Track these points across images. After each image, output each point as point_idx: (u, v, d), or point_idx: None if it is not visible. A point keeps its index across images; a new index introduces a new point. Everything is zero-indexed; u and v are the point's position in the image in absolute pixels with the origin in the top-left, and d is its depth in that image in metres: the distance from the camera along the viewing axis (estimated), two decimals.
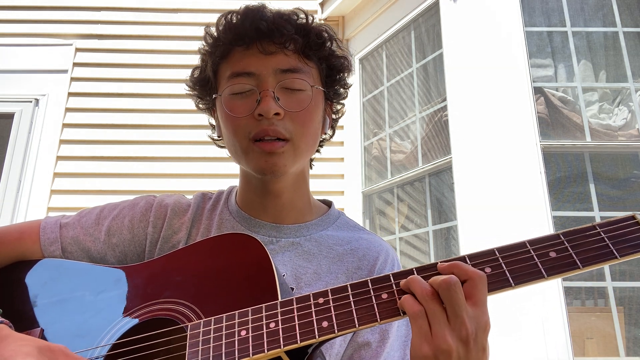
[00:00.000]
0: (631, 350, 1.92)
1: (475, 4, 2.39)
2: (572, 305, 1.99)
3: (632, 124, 2.23)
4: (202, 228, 0.85)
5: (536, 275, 0.56)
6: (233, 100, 0.77)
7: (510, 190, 2.07)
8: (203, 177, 2.91)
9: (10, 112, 2.99)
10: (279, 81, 0.76)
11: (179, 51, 3.14)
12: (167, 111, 3.04)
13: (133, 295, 0.73)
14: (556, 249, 0.57)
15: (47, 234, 0.83)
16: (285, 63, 0.77)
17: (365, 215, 2.82)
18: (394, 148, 2.80)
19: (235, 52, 0.78)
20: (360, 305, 0.57)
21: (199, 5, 3.25)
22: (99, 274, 0.78)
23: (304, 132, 0.78)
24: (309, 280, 0.79)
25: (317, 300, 0.59)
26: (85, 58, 3.14)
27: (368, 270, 0.81)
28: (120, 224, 0.85)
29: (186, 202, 0.90)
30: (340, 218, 0.90)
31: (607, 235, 0.56)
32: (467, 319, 0.53)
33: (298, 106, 0.76)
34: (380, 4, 2.92)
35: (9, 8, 3.21)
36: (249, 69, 0.76)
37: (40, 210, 2.81)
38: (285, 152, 0.76)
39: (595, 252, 0.56)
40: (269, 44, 0.76)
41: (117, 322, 0.71)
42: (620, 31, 2.33)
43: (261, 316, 0.60)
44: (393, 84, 2.88)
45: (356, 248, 0.83)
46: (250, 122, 0.75)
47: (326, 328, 0.57)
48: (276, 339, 0.57)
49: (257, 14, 0.77)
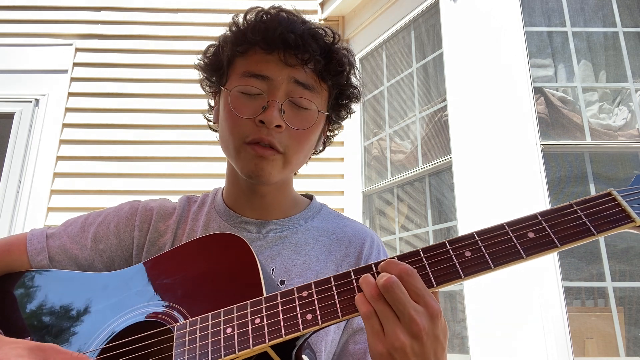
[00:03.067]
0: (631, 350, 1.92)
1: (475, 4, 2.39)
2: (572, 305, 1.99)
3: (632, 124, 2.23)
4: (187, 230, 0.86)
5: (515, 255, 0.56)
6: (240, 98, 0.77)
7: (510, 190, 2.07)
8: (203, 177, 2.91)
9: (10, 112, 2.99)
10: (289, 93, 0.77)
11: (179, 51, 3.14)
12: (167, 111, 3.04)
13: (121, 300, 0.74)
14: (534, 229, 0.57)
15: (33, 245, 0.84)
16: (302, 76, 0.78)
17: (365, 215, 2.82)
18: (394, 148, 2.80)
19: (255, 52, 0.78)
20: (343, 297, 0.58)
21: (199, 5, 3.25)
22: (86, 281, 0.79)
23: (299, 149, 0.79)
24: (299, 271, 0.80)
25: (301, 293, 0.60)
26: (85, 58, 3.14)
27: (355, 256, 0.83)
28: (106, 230, 0.86)
29: (171, 205, 0.91)
30: (324, 209, 0.92)
31: (584, 212, 0.57)
32: (415, 314, 0.53)
33: (300, 125, 0.78)
34: (380, 4, 2.92)
35: (9, 8, 3.21)
36: (265, 72, 0.77)
37: (40, 210, 2.81)
38: (275, 162, 0.77)
39: (573, 229, 0.56)
40: (290, 56, 0.77)
41: (105, 328, 0.71)
42: (620, 31, 2.33)
43: (246, 312, 0.61)
44: (393, 84, 2.88)
45: (342, 237, 0.86)
46: (249, 125, 0.76)
47: (310, 320, 0.57)
48: (261, 334, 0.58)
49: (289, 25, 0.77)
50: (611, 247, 2.00)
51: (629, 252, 2.04)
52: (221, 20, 3.16)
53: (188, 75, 3.09)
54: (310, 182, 2.83)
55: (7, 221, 2.76)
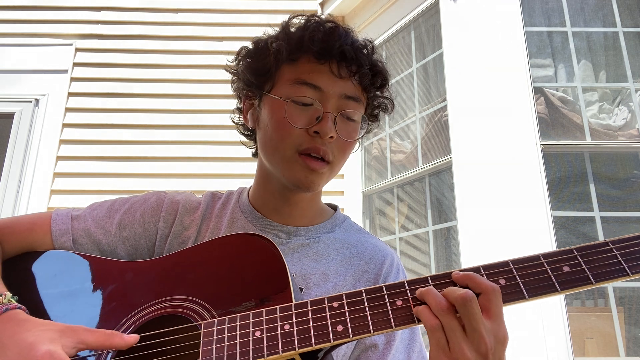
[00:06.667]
0: (631, 350, 1.92)
1: (475, 4, 2.39)
2: (572, 305, 1.99)
3: (632, 124, 2.23)
4: (211, 226, 0.86)
5: (550, 288, 0.57)
6: (292, 107, 0.77)
7: (511, 190, 2.07)
8: (203, 177, 2.91)
9: (10, 112, 2.99)
10: (340, 106, 0.78)
11: (179, 51, 3.14)
12: (167, 111, 3.04)
13: (145, 291, 0.73)
14: (569, 264, 0.58)
15: (58, 225, 0.84)
16: (352, 90, 0.79)
17: (365, 215, 2.82)
18: (394, 148, 2.80)
19: (305, 60, 0.79)
20: (375, 311, 0.58)
21: (199, 5, 3.25)
22: (110, 268, 0.78)
23: (342, 158, 0.82)
24: (318, 281, 0.80)
25: (332, 304, 0.60)
26: (85, 58, 3.14)
27: (374, 273, 0.83)
28: (132, 218, 0.86)
29: (196, 200, 0.91)
30: (346, 221, 0.93)
31: (619, 252, 0.58)
32: (485, 333, 0.53)
33: (349, 136, 0.80)
34: (380, 4, 2.92)
35: (8, 8, 3.21)
36: (317, 82, 0.77)
37: (40, 210, 2.81)
38: (324, 174, 0.79)
39: (608, 268, 0.57)
40: (342, 68, 0.78)
41: (129, 318, 0.71)
42: (620, 31, 2.33)
43: (275, 317, 0.61)
44: (393, 84, 2.88)
45: (362, 252, 0.86)
46: (303, 135, 0.77)
47: (341, 332, 0.57)
48: (291, 340, 0.58)
49: (345, 37, 0.79)
50: None
51: None
52: (221, 20, 3.16)
53: (188, 75, 3.09)
54: None
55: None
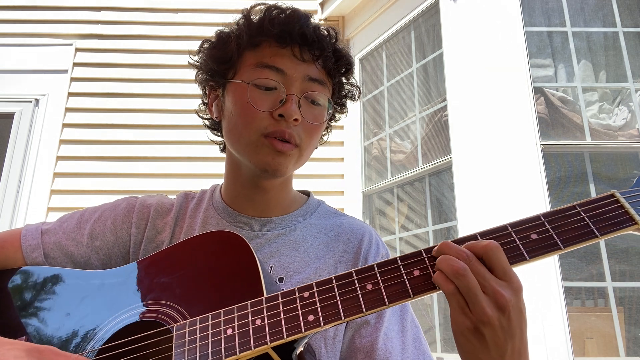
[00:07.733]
0: (631, 350, 1.92)
1: (475, 4, 2.39)
2: (572, 305, 1.99)
3: (632, 124, 2.23)
4: (185, 227, 0.85)
5: (518, 257, 0.56)
6: (256, 91, 0.77)
7: (510, 190, 2.07)
8: (203, 177, 2.91)
9: (10, 112, 2.98)
10: (304, 89, 0.78)
11: (179, 51, 3.14)
12: (167, 111, 3.04)
13: (118, 299, 0.72)
14: (537, 231, 0.57)
15: (28, 241, 0.83)
16: (316, 73, 0.80)
17: (365, 215, 2.82)
18: (394, 148, 2.80)
19: (267, 45, 0.79)
20: (345, 297, 0.58)
21: (199, 5, 3.25)
22: (82, 279, 0.77)
23: (310, 142, 0.81)
24: (298, 268, 0.80)
25: (303, 294, 0.59)
26: (85, 58, 3.14)
27: (354, 252, 0.83)
28: (103, 226, 0.84)
29: (169, 202, 0.90)
30: (321, 206, 0.92)
31: (587, 214, 0.57)
32: (500, 288, 0.54)
33: (315, 119, 0.80)
34: (380, 4, 2.92)
35: (8, 8, 3.21)
36: (280, 65, 0.77)
37: (40, 210, 2.81)
38: (292, 156, 0.78)
39: (576, 232, 0.56)
40: (305, 52, 0.78)
41: (102, 327, 0.70)
42: (620, 31, 2.34)
43: (247, 313, 0.60)
44: (393, 84, 2.88)
45: (340, 233, 0.86)
46: (267, 118, 0.76)
47: (312, 322, 0.57)
48: (262, 335, 0.57)
49: (305, 20, 0.79)
50: (611, 247, 2.01)
51: (629, 252, 2.04)
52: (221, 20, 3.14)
53: (188, 75, 3.08)
54: (310, 182, 2.83)
55: (7, 221, 2.76)
